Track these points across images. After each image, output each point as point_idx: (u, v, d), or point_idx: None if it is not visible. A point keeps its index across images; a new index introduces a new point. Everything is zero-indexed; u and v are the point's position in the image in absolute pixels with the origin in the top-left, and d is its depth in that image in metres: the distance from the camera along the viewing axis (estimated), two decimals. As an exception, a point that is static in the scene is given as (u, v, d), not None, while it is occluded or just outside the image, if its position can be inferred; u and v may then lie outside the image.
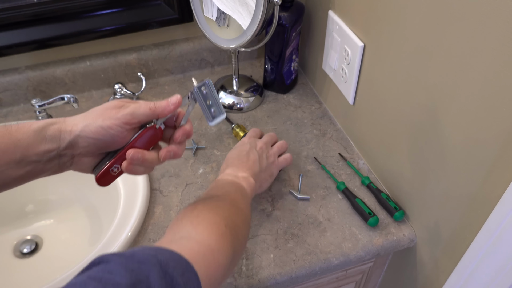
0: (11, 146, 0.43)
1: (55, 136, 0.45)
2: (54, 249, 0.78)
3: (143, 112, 0.47)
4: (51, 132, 0.45)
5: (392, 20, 0.65)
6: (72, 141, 0.45)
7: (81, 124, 0.45)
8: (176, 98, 0.49)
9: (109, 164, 0.47)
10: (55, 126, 0.45)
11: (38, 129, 0.44)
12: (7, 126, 0.44)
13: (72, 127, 0.45)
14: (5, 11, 0.83)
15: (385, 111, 0.73)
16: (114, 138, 0.46)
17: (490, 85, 0.50)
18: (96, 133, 0.45)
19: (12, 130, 0.44)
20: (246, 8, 0.80)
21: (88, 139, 0.45)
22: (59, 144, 0.45)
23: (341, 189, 0.77)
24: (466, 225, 0.60)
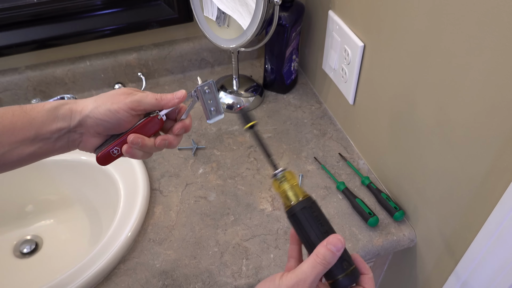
0: (27, 124, 0.46)
1: (66, 115, 0.48)
2: (54, 249, 0.78)
3: (149, 101, 0.49)
4: (63, 111, 0.47)
5: (392, 20, 0.65)
6: (82, 120, 0.48)
7: (91, 105, 0.48)
8: (181, 93, 0.51)
9: (110, 145, 0.50)
10: (67, 106, 0.48)
11: (51, 108, 0.47)
12: (22, 106, 0.47)
13: (82, 107, 0.48)
14: (5, 11, 0.83)
15: (385, 111, 0.73)
16: (120, 122, 0.49)
17: (490, 85, 0.50)
18: (104, 115, 0.48)
19: (27, 109, 0.47)
20: (246, 8, 0.80)
21: (96, 120, 0.48)
22: (70, 123, 0.48)
23: (341, 189, 0.77)
24: (466, 225, 0.60)
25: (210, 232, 0.72)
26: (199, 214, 0.75)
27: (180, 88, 1.00)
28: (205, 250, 0.70)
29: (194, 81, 1.03)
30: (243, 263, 0.68)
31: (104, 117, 0.48)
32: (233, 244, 0.71)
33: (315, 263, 0.41)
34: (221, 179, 0.81)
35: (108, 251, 0.66)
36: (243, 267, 0.67)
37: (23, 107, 0.47)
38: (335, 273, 0.43)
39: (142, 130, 0.51)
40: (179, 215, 0.74)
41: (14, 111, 0.46)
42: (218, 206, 0.76)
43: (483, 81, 0.50)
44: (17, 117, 0.46)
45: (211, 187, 0.79)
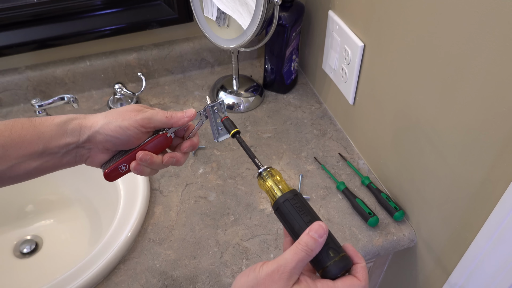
0: (35, 138, 0.46)
1: (75, 130, 0.48)
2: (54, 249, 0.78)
3: (160, 119, 0.50)
4: (72, 126, 0.48)
5: (392, 20, 0.65)
6: (91, 136, 0.48)
7: (102, 121, 0.48)
8: (191, 112, 0.52)
9: (118, 162, 0.51)
10: (76, 121, 0.48)
11: (61, 123, 0.47)
12: (31, 119, 0.47)
13: (92, 123, 0.48)
14: (5, 11, 0.83)
15: (385, 111, 0.73)
16: (129, 138, 0.49)
17: (490, 85, 0.50)
18: (114, 131, 0.48)
19: (36, 123, 0.47)
20: (246, 8, 0.80)
21: (106, 136, 0.48)
22: (79, 138, 0.48)
23: (341, 189, 0.77)
24: (466, 225, 0.60)
25: (210, 232, 0.72)
26: (199, 214, 0.75)
27: (180, 88, 1.00)
28: (205, 250, 0.70)
29: (194, 81, 1.03)
30: (243, 263, 0.68)
31: (114, 133, 0.48)
32: (233, 244, 0.71)
33: (296, 250, 0.41)
34: (221, 179, 0.81)
35: (108, 251, 0.66)
36: (243, 267, 0.67)
37: (32, 120, 0.47)
38: (323, 262, 0.42)
39: (151, 147, 0.51)
40: (179, 215, 0.74)
41: (23, 124, 0.46)
42: (218, 206, 0.76)
43: (483, 81, 0.50)
44: (26, 130, 0.46)
45: (211, 187, 0.79)
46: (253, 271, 0.41)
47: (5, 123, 0.46)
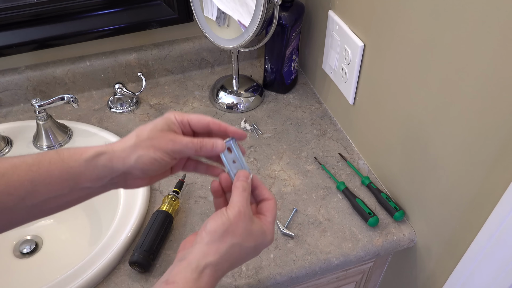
0: (64, 174, 0.45)
1: (106, 166, 0.46)
2: (54, 249, 0.78)
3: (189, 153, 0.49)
4: (102, 161, 0.46)
5: (392, 20, 0.65)
6: (126, 172, 0.47)
7: (134, 156, 0.47)
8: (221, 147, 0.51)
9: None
10: (105, 156, 0.47)
11: (89, 158, 0.46)
12: (58, 151, 0.46)
13: (124, 158, 0.47)
14: (5, 11, 0.83)
15: (385, 111, 0.73)
16: (165, 167, 0.49)
17: (491, 85, 0.50)
18: (149, 164, 0.47)
19: (64, 157, 0.46)
20: (246, 8, 0.80)
21: (142, 170, 0.47)
22: (112, 174, 0.47)
23: (341, 189, 0.77)
24: (466, 225, 0.60)
25: (210, 232, 0.72)
26: (199, 214, 0.75)
27: (180, 88, 1.00)
28: (205, 250, 0.70)
29: (194, 81, 1.03)
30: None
31: (149, 166, 0.47)
32: (233, 244, 0.70)
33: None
34: (221, 179, 0.81)
35: (108, 251, 0.66)
36: (243, 267, 0.67)
37: (60, 154, 0.46)
38: None
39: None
40: (179, 215, 0.74)
41: (51, 158, 0.45)
42: (218, 206, 0.76)
43: (483, 81, 0.50)
44: (54, 165, 0.45)
45: (211, 187, 0.79)
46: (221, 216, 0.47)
47: (33, 157, 0.45)
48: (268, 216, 0.51)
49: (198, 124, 0.50)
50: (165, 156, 0.47)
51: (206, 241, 0.46)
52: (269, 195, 0.52)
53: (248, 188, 0.50)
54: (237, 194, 0.49)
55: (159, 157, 0.47)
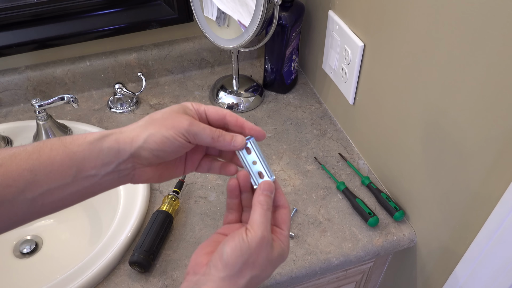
0: (66, 159, 0.41)
1: (112, 148, 0.42)
2: (54, 249, 0.78)
3: (205, 139, 0.44)
4: (108, 143, 0.42)
5: (392, 20, 0.65)
6: (135, 153, 0.42)
7: (144, 134, 0.42)
8: (241, 142, 0.46)
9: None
10: (112, 137, 0.42)
11: (94, 140, 0.42)
12: (61, 138, 0.42)
13: (133, 137, 0.42)
14: (5, 11, 0.83)
15: (385, 111, 0.73)
16: (178, 149, 0.43)
17: (491, 84, 0.50)
18: (161, 143, 0.42)
19: (67, 143, 0.42)
20: (246, 8, 0.80)
21: (152, 151, 0.42)
22: (118, 157, 0.42)
23: (341, 189, 0.77)
24: (466, 225, 0.60)
25: (210, 232, 0.72)
26: (199, 214, 0.75)
27: (180, 89, 1.00)
28: (205, 250, 0.70)
29: (194, 81, 1.03)
30: (243, 263, 0.68)
31: (161, 145, 0.42)
32: (233, 244, 0.71)
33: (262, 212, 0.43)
34: (221, 179, 0.81)
35: (108, 251, 0.66)
36: (243, 267, 0.67)
37: (62, 140, 0.42)
38: None
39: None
40: (179, 215, 0.74)
41: (53, 144, 0.41)
42: (218, 206, 0.76)
43: (484, 81, 0.50)
44: (55, 151, 0.41)
45: (211, 187, 0.79)
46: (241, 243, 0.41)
47: (34, 145, 0.41)
48: (284, 229, 0.46)
49: (215, 114, 0.46)
50: (179, 135, 0.42)
51: (222, 276, 0.41)
52: (284, 202, 0.47)
53: (271, 204, 0.45)
54: (260, 213, 0.43)
55: (171, 136, 0.42)
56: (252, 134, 0.47)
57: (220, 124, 0.47)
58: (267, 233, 0.42)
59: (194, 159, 0.49)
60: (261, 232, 0.42)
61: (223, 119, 0.46)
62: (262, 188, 0.45)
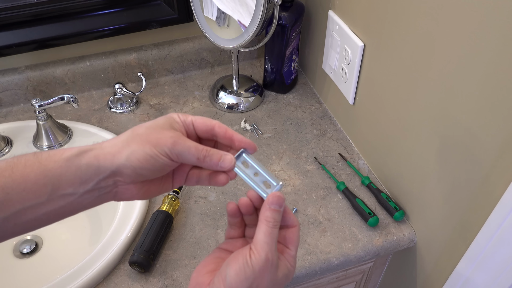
0: (41, 177, 0.38)
1: (91, 165, 0.39)
2: (54, 249, 0.78)
3: (190, 159, 0.41)
4: (87, 160, 0.39)
5: (392, 20, 0.65)
6: (116, 171, 0.39)
7: (126, 151, 0.39)
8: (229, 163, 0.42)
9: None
10: (91, 153, 0.39)
11: (71, 156, 0.39)
12: (37, 154, 0.39)
13: (114, 154, 0.39)
14: (5, 11, 0.83)
15: (385, 111, 0.73)
16: (163, 167, 0.41)
17: (491, 84, 0.50)
18: (144, 161, 0.39)
19: (42, 158, 0.39)
20: (246, 8, 0.80)
21: (135, 169, 0.39)
22: (98, 174, 0.39)
23: (341, 189, 0.77)
24: (466, 225, 0.60)
25: (210, 232, 0.72)
26: (199, 214, 0.75)
27: (180, 89, 1.00)
28: (205, 250, 0.70)
29: (194, 81, 1.03)
30: (243, 263, 0.68)
31: (144, 163, 0.39)
32: (233, 244, 0.71)
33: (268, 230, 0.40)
34: (221, 179, 0.80)
35: (108, 251, 0.66)
36: (243, 267, 0.67)
37: (37, 156, 0.39)
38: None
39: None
40: (179, 215, 0.74)
41: (27, 161, 0.38)
42: (218, 206, 0.76)
43: (483, 81, 0.50)
44: (29, 168, 0.38)
45: (211, 187, 0.79)
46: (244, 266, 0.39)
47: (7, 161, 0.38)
48: (292, 249, 0.43)
49: (202, 126, 0.43)
50: (162, 153, 0.39)
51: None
52: (293, 221, 0.44)
53: (279, 220, 0.41)
54: (266, 232, 0.40)
55: (155, 154, 0.39)
56: (242, 147, 0.44)
57: (209, 136, 0.44)
58: (272, 255, 0.39)
59: (183, 172, 0.45)
60: (265, 254, 0.39)
61: (211, 131, 0.44)
62: (269, 202, 0.41)
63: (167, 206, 0.72)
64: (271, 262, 0.39)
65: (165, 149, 0.39)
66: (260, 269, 0.38)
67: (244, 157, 0.44)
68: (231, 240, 0.46)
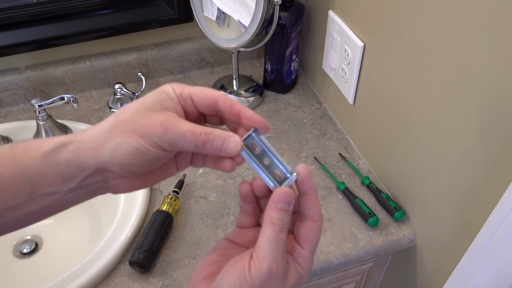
0: (17, 175, 0.33)
1: (72, 161, 0.33)
2: (54, 249, 0.78)
3: (186, 146, 0.34)
4: (66, 155, 0.33)
5: (392, 20, 0.65)
6: (101, 168, 0.34)
7: (108, 144, 0.33)
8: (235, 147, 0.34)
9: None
10: (70, 147, 0.33)
11: (48, 152, 0.33)
12: (12, 146, 0.34)
13: (95, 149, 0.33)
14: (5, 11, 0.83)
15: (385, 111, 0.73)
16: (155, 161, 0.34)
17: (491, 84, 0.50)
18: (130, 156, 0.33)
19: (17, 153, 0.33)
20: (246, 8, 0.80)
21: (121, 166, 0.33)
22: (81, 171, 0.34)
23: (341, 189, 0.77)
24: (466, 225, 0.60)
25: (210, 232, 0.72)
26: (199, 214, 0.75)
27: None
28: (205, 250, 0.70)
29: (194, 81, 1.03)
30: (243, 263, 0.68)
31: (131, 159, 0.33)
32: (233, 244, 0.71)
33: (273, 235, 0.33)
34: (221, 179, 0.81)
35: (108, 251, 0.66)
36: (243, 267, 0.67)
37: (13, 149, 0.33)
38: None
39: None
40: (179, 215, 0.74)
41: (1, 155, 0.33)
42: (218, 206, 0.76)
43: (483, 81, 0.50)
44: (3, 164, 0.33)
45: (211, 187, 0.79)
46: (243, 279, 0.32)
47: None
48: (306, 249, 0.35)
49: (203, 100, 0.35)
50: (151, 145, 0.33)
51: None
52: (315, 213, 0.36)
53: (288, 221, 0.34)
54: (270, 238, 0.33)
55: (142, 147, 0.32)
56: (251, 126, 0.36)
57: (212, 111, 0.36)
58: (277, 266, 0.32)
59: (186, 153, 0.38)
60: (268, 266, 0.32)
61: (214, 106, 0.35)
62: (276, 200, 0.34)
63: (167, 206, 0.72)
64: (276, 274, 0.32)
65: (155, 138, 0.33)
66: (261, 284, 0.32)
67: (254, 138, 0.36)
68: (241, 230, 0.39)
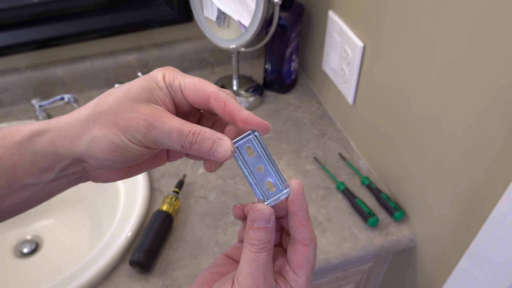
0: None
1: (48, 152, 0.31)
2: (54, 249, 0.78)
3: (172, 145, 0.31)
4: (41, 145, 0.31)
5: (392, 20, 0.65)
6: (79, 158, 0.31)
7: (85, 136, 0.30)
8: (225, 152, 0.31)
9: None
10: (45, 137, 0.31)
11: (23, 141, 0.31)
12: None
13: (72, 139, 0.31)
14: (5, 11, 0.83)
15: (385, 111, 0.73)
16: (136, 158, 0.32)
17: (490, 84, 0.50)
18: (109, 152, 0.30)
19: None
20: (246, 8, 0.80)
21: (99, 160, 0.31)
22: (59, 161, 0.31)
23: (341, 189, 0.77)
24: (466, 225, 0.60)
25: (210, 232, 0.72)
26: (199, 214, 0.75)
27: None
28: (205, 250, 0.70)
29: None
30: (243, 263, 0.68)
31: (110, 155, 0.30)
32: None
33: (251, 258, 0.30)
34: (221, 179, 0.81)
35: (108, 251, 0.66)
36: (243, 267, 0.67)
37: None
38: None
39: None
40: (179, 215, 0.74)
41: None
42: (218, 206, 0.76)
43: (483, 81, 0.51)
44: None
45: (211, 187, 0.79)
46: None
47: None
48: (301, 276, 0.32)
49: (194, 96, 0.32)
50: (133, 141, 0.30)
51: None
52: (305, 237, 0.32)
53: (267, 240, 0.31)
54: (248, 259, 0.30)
55: (123, 143, 0.30)
56: (249, 129, 0.32)
57: (204, 108, 0.33)
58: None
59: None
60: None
61: (206, 103, 0.32)
62: (251, 218, 0.31)
63: (167, 206, 0.72)
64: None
65: (137, 135, 0.30)
66: None
67: (251, 140, 0.32)
68: (240, 244, 0.37)
